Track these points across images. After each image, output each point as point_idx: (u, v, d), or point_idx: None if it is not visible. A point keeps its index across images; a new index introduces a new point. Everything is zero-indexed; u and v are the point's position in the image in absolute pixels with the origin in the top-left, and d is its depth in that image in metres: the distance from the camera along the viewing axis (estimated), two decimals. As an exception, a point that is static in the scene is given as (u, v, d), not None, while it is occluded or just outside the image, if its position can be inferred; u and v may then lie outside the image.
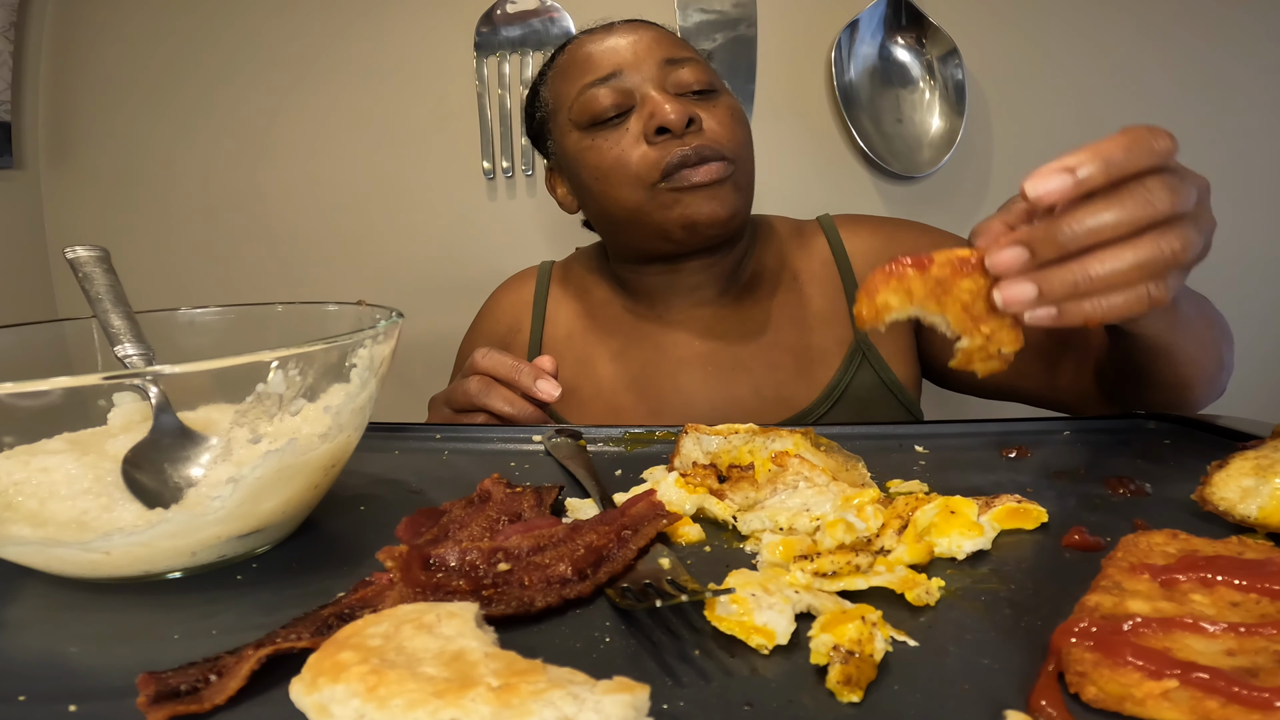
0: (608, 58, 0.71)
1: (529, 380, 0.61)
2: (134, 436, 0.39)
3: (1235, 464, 0.39)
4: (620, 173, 0.70)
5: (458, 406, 0.64)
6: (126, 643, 0.32)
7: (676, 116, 0.67)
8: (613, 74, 0.70)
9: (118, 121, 1.33)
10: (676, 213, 0.69)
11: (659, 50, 0.71)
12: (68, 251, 0.47)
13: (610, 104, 0.70)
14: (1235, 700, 0.23)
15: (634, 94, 0.70)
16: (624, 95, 0.70)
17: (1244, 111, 1.25)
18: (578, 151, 0.73)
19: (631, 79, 0.70)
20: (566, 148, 0.74)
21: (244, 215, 1.34)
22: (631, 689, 0.23)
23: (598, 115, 0.70)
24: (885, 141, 1.24)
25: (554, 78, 0.77)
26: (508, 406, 0.61)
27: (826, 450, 0.47)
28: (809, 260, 0.81)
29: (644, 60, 0.70)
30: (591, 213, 0.78)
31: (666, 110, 0.67)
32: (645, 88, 0.70)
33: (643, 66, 0.70)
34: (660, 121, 0.67)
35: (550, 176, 0.83)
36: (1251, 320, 1.31)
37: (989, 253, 0.40)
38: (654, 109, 0.68)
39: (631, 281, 0.80)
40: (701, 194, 0.68)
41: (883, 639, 0.28)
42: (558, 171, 0.81)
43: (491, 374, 0.63)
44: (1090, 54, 1.24)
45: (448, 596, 0.32)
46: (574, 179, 0.76)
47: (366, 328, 0.40)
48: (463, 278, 1.30)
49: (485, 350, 0.64)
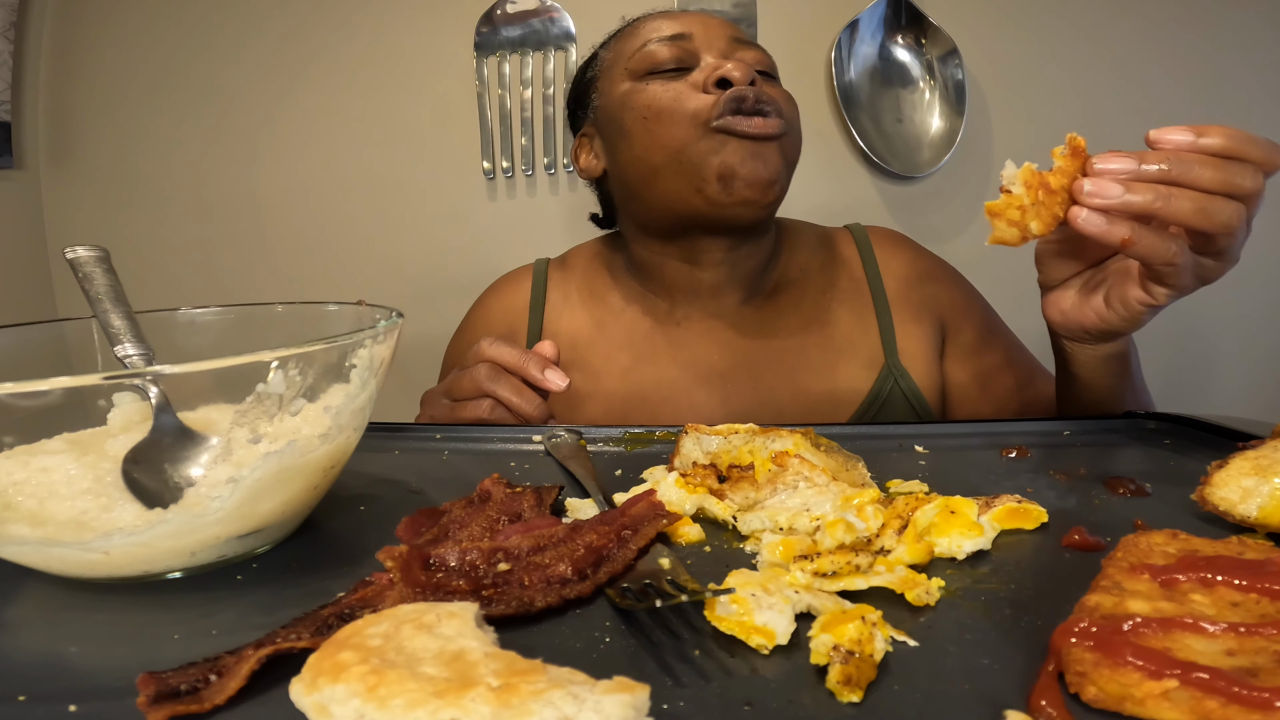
0: (682, 23, 0.72)
1: (537, 370, 0.60)
2: (134, 436, 0.39)
3: (1235, 464, 0.39)
4: (673, 112, 0.68)
5: (462, 395, 0.62)
6: (126, 643, 0.32)
7: (741, 73, 0.66)
8: (682, 35, 0.71)
9: (118, 121, 1.33)
10: (719, 160, 0.66)
11: (730, 30, 0.73)
12: (68, 251, 0.47)
13: (672, 56, 0.70)
14: (1235, 700, 0.23)
15: (698, 57, 0.71)
16: (688, 54, 0.70)
17: (1243, 111, 1.25)
18: (627, 95, 0.71)
19: (698, 43, 0.71)
20: (614, 96, 0.73)
21: (244, 215, 1.34)
22: (631, 689, 0.23)
23: (658, 64, 0.70)
24: (885, 141, 1.24)
25: (617, 39, 0.76)
26: (515, 396, 0.60)
27: (826, 450, 0.47)
28: (837, 274, 0.79)
29: (714, 33, 0.72)
30: (624, 163, 0.73)
31: (729, 66, 0.67)
32: (712, 53, 0.70)
33: (712, 37, 0.71)
34: (723, 74, 0.67)
35: (578, 143, 0.80)
36: (1251, 320, 1.31)
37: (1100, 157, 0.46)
38: (718, 64, 0.68)
39: (652, 271, 0.77)
40: (749, 146, 0.66)
41: (883, 639, 0.28)
42: (593, 134, 0.78)
43: (499, 362, 0.61)
44: (1090, 54, 1.24)
45: (448, 596, 0.32)
46: (615, 127, 0.73)
47: (366, 328, 0.40)
48: (463, 278, 1.30)
49: (491, 339, 0.63)
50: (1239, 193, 0.45)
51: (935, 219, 1.30)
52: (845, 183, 1.28)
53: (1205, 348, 1.33)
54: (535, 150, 1.28)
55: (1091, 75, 1.25)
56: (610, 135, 0.74)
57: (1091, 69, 1.25)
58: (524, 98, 1.26)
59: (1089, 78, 1.25)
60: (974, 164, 1.27)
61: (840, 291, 0.78)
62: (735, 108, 0.65)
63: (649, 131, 0.69)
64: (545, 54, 1.25)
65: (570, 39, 1.24)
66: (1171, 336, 1.31)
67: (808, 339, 0.76)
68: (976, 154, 1.26)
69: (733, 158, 0.66)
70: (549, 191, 1.31)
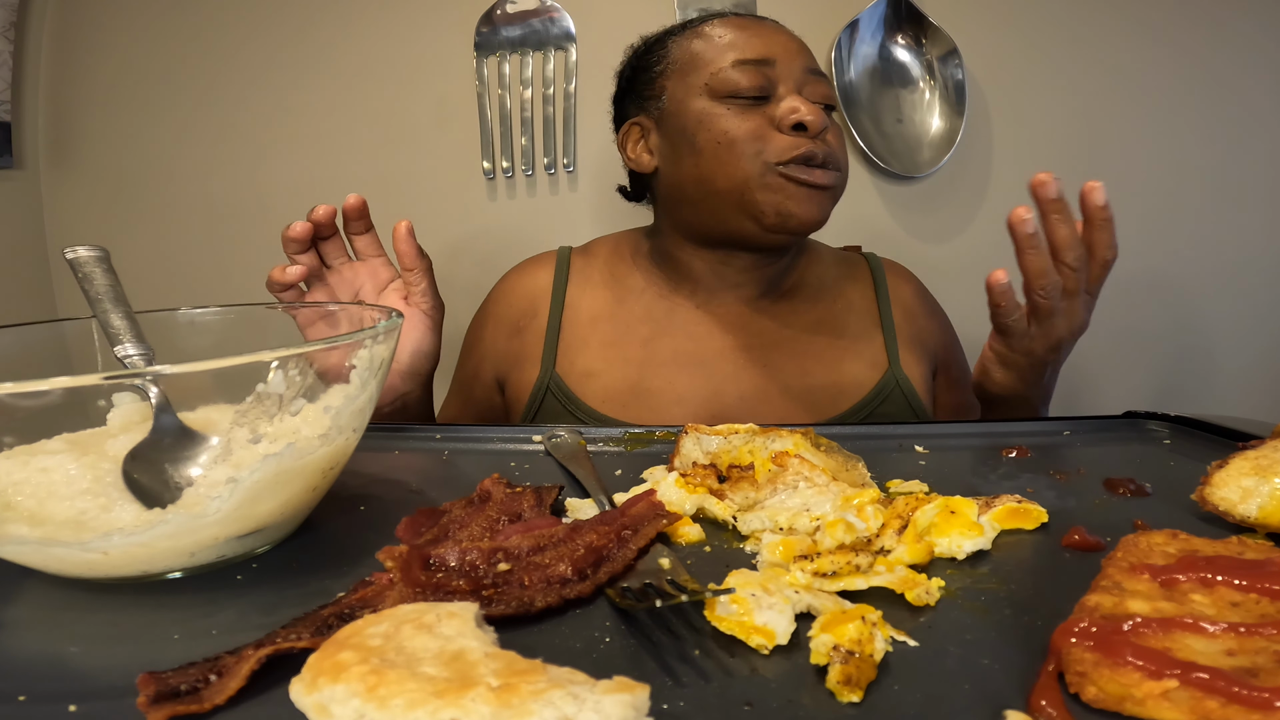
0: (764, 44, 0.74)
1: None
2: (134, 437, 0.39)
3: (1235, 464, 0.39)
4: (748, 145, 0.71)
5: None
6: (126, 643, 0.32)
7: (816, 119, 0.70)
8: (765, 60, 0.73)
9: (118, 121, 1.33)
10: (779, 197, 0.71)
11: (805, 58, 0.75)
12: (68, 251, 0.47)
13: (755, 84, 0.72)
14: (1235, 700, 0.23)
15: (776, 86, 0.73)
16: (769, 83, 0.72)
17: (1241, 112, 1.25)
18: (704, 115, 0.73)
19: (783, 68, 0.73)
20: (690, 108, 0.74)
21: (244, 215, 1.34)
22: (631, 689, 0.23)
23: (740, 90, 0.72)
24: (885, 141, 1.24)
25: (695, 39, 0.77)
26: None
27: (826, 450, 0.47)
28: (850, 289, 0.84)
29: (793, 60, 0.73)
30: (685, 176, 0.75)
31: (805, 111, 0.70)
32: (788, 85, 0.73)
33: (792, 65, 0.73)
34: (801, 119, 0.70)
35: (629, 131, 0.81)
36: (1250, 320, 1.31)
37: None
38: (798, 106, 0.71)
39: (680, 264, 0.80)
40: (807, 192, 0.71)
41: (883, 639, 0.28)
42: (649, 128, 0.79)
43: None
44: (1090, 54, 1.24)
45: (448, 596, 0.32)
46: (683, 139, 0.75)
47: (366, 328, 0.40)
48: (462, 278, 1.30)
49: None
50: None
51: (935, 219, 1.30)
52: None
53: (1205, 348, 1.33)
54: (535, 150, 1.28)
55: (1091, 75, 1.25)
56: (676, 143, 0.76)
57: (1091, 69, 1.25)
58: (524, 98, 1.26)
59: (1089, 78, 1.25)
60: (974, 164, 1.27)
61: (851, 303, 0.83)
62: (805, 160, 0.70)
63: (718, 158, 0.72)
64: (545, 54, 1.25)
65: (570, 39, 1.24)
66: (1171, 336, 1.31)
67: (817, 334, 0.80)
68: (976, 154, 1.26)
69: (791, 200, 0.71)
70: (549, 191, 1.31)
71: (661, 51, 0.79)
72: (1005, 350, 0.64)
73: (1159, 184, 1.26)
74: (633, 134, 0.80)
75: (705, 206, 0.75)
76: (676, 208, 0.79)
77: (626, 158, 0.81)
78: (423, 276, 0.70)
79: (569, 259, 0.86)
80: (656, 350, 0.79)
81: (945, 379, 0.86)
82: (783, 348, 0.79)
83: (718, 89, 0.72)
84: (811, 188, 0.71)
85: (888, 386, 0.78)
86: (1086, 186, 0.58)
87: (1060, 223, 0.58)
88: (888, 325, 0.81)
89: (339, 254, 0.70)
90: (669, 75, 0.77)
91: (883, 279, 0.85)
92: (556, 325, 0.81)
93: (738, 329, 0.79)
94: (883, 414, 0.77)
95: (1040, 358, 0.63)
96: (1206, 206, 1.27)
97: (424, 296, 0.70)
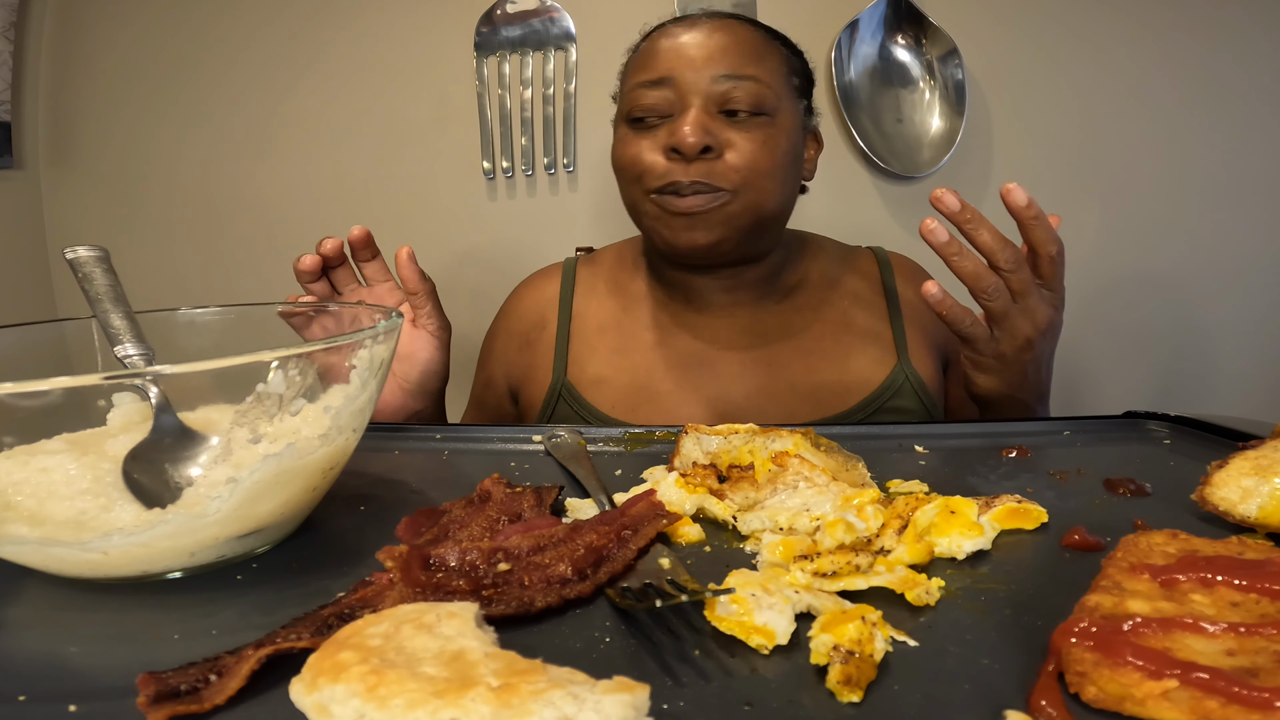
0: (666, 59, 0.71)
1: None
2: (134, 437, 0.39)
3: (1235, 464, 0.39)
4: (629, 170, 0.72)
5: None
6: (126, 643, 0.32)
7: (693, 140, 0.67)
8: (664, 79, 0.71)
9: (118, 121, 1.33)
10: (659, 225, 0.72)
11: (721, 63, 0.70)
12: (68, 251, 0.47)
13: (649, 105, 0.71)
14: (1235, 700, 0.23)
15: (678, 103, 0.70)
16: (666, 102, 0.71)
17: (1242, 112, 1.25)
18: (617, 137, 0.75)
19: (682, 84, 0.70)
20: (615, 131, 0.77)
21: (244, 215, 1.34)
22: (631, 689, 0.23)
23: (634, 113, 0.72)
24: (885, 141, 1.24)
25: (626, 64, 0.78)
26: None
27: (826, 450, 0.47)
28: (858, 284, 0.84)
29: (701, 69, 0.70)
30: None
31: (685, 133, 0.68)
32: (690, 99, 0.70)
33: (699, 75, 0.70)
34: (675, 143, 0.68)
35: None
36: (1250, 320, 1.31)
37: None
38: (677, 128, 0.68)
39: (667, 275, 0.81)
40: (680, 220, 0.70)
41: (883, 639, 0.28)
42: None
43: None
44: (1090, 54, 1.24)
45: (448, 596, 0.32)
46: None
47: (366, 328, 0.40)
48: (462, 278, 1.30)
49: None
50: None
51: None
52: (845, 183, 1.28)
53: (1205, 348, 1.32)
54: (535, 150, 1.28)
55: (1091, 75, 1.25)
56: None
57: (1091, 69, 1.24)
58: (524, 98, 1.26)
59: (1089, 78, 1.25)
60: (974, 164, 1.27)
61: (859, 299, 0.82)
62: (670, 189, 0.69)
63: (620, 180, 0.75)
64: (545, 54, 1.25)
65: (570, 39, 1.24)
66: (1171, 336, 1.31)
67: (824, 331, 0.80)
68: (976, 154, 1.26)
69: (667, 229, 0.71)
70: (549, 191, 1.31)
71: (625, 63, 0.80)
72: (975, 355, 0.63)
73: (1159, 184, 1.26)
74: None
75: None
76: None
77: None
78: (427, 299, 0.71)
79: (575, 269, 0.88)
80: (663, 354, 0.79)
81: (956, 372, 0.85)
82: (789, 345, 0.79)
83: (623, 111, 0.74)
84: (682, 215, 0.70)
85: (897, 380, 0.77)
86: (1004, 189, 0.57)
87: (975, 230, 0.57)
88: (895, 319, 0.81)
89: (349, 280, 0.72)
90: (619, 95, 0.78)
91: (890, 272, 0.84)
92: (565, 334, 0.83)
93: (742, 329, 0.79)
94: (893, 408, 0.76)
95: (1013, 358, 0.62)
96: (1207, 206, 1.27)
97: (430, 318, 0.72)
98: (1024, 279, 0.58)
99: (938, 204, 0.57)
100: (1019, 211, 0.57)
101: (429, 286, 0.72)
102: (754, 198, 0.71)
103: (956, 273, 0.58)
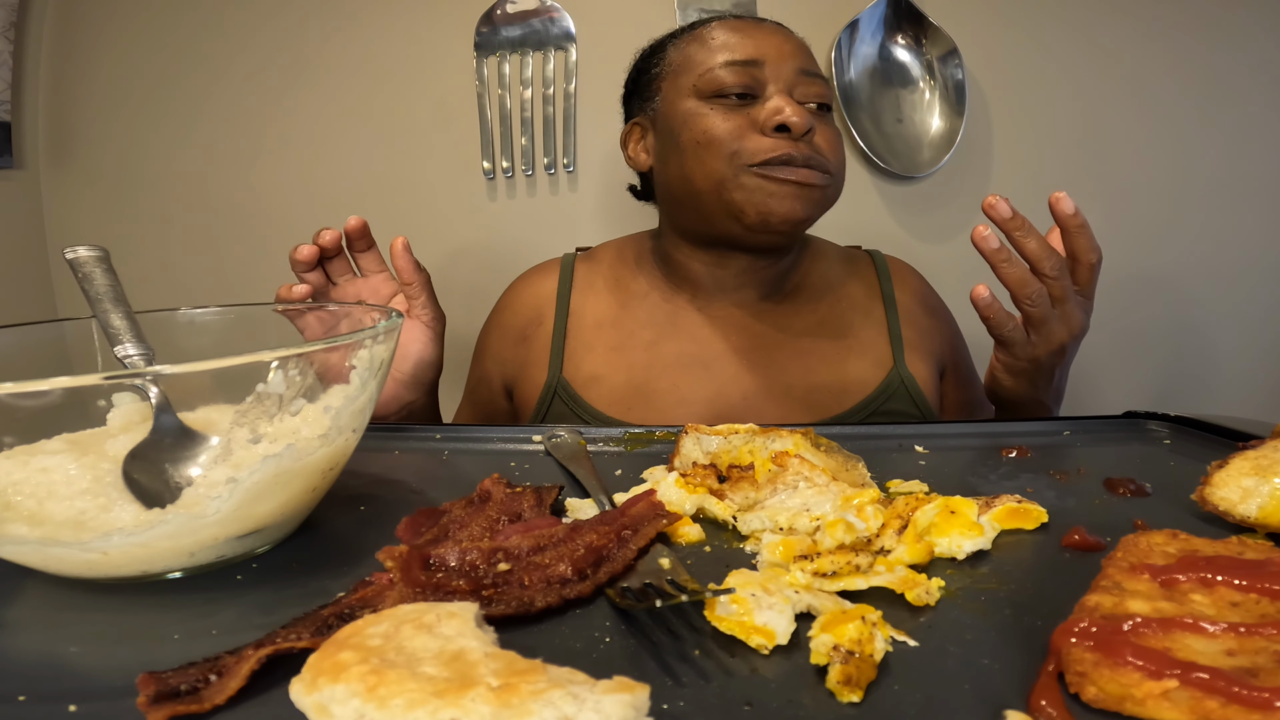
0: (753, 45, 0.73)
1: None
2: (134, 437, 0.39)
3: (1235, 464, 0.39)
4: (724, 145, 0.71)
5: None
6: (126, 643, 0.32)
7: (800, 120, 0.69)
8: (754, 61, 0.72)
9: (118, 121, 1.33)
10: (758, 196, 0.70)
11: (799, 59, 0.74)
12: (68, 251, 0.47)
13: (740, 84, 0.72)
14: (1235, 700, 0.23)
15: (765, 86, 0.72)
16: (756, 83, 0.72)
17: (1243, 111, 1.25)
18: (689, 114, 0.74)
19: (767, 72, 0.72)
20: (677, 108, 0.75)
21: (244, 215, 1.34)
22: (631, 689, 0.23)
23: (724, 89, 0.72)
24: (885, 141, 1.24)
25: (690, 42, 0.77)
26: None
27: (826, 450, 0.47)
28: (855, 287, 0.84)
29: (784, 61, 0.73)
30: (672, 175, 0.77)
31: (790, 113, 0.69)
32: (778, 85, 0.72)
33: (781, 66, 0.72)
34: (784, 120, 0.69)
35: (630, 131, 0.83)
36: (1251, 320, 1.31)
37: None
38: (783, 107, 0.70)
39: (680, 266, 0.81)
40: (789, 190, 0.70)
41: (883, 639, 0.28)
42: (647, 128, 0.81)
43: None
44: (1090, 54, 1.24)
45: (448, 596, 0.32)
46: (670, 139, 0.76)
47: (366, 328, 0.40)
48: (462, 278, 1.30)
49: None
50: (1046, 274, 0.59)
51: (935, 219, 1.29)
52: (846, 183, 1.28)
53: (1205, 348, 1.32)
54: (535, 150, 1.28)
55: (1091, 75, 1.25)
56: (665, 142, 0.77)
57: (1091, 69, 1.25)
58: (524, 98, 1.26)
59: (1089, 78, 1.25)
60: (974, 164, 1.27)
61: (856, 302, 0.83)
62: (784, 162, 0.70)
63: (698, 157, 0.72)
64: (545, 54, 1.25)
65: (570, 39, 1.24)
66: (1171, 336, 1.31)
67: (821, 333, 0.80)
68: (976, 154, 1.26)
69: (772, 198, 0.71)
70: (549, 191, 1.31)
71: (661, 54, 0.80)
72: (1010, 359, 0.64)
73: (1160, 184, 1.26)
74: (634, 134, 0.82)
75: (690, 206, 0.75)
76: (669, 207, 0.80)
77: (627, 156, 0.83)
78: (421, 290, 0.71)
79: (573, 265, 0.87)
80: (660, 353, 0.79)
81: (953, 377, 0.86)
82: (786, 347, 0.79)
83: (704, 89, 0.73)
84: (793, 185, 0.70)
85: (892, 384, 0.78)
86: (1053, 198, 0.59)
87: (1024, 238, 0.59)
88: (893, 323, 0.82)
89: (344, 271, 0.72)
90: (665, 76, 0.78)
91: (887, 277, 0.85)
92: (562, 331, 0.82)
93: (741, 330, 0.79)
94: (888, 412, 0.77)
95: (1045, 362, 0.63)
96: (1207, 207, 1.27)
97: (424, 309, 0.72)
98: (1065, 285, 0.60)
99: (990, 211, 0.58)
100: (1066, 220, 0.59)
101: (424, 277, 0.72)
102: (837, 190, 0.75)
103: (1003, 278, 0.60)
